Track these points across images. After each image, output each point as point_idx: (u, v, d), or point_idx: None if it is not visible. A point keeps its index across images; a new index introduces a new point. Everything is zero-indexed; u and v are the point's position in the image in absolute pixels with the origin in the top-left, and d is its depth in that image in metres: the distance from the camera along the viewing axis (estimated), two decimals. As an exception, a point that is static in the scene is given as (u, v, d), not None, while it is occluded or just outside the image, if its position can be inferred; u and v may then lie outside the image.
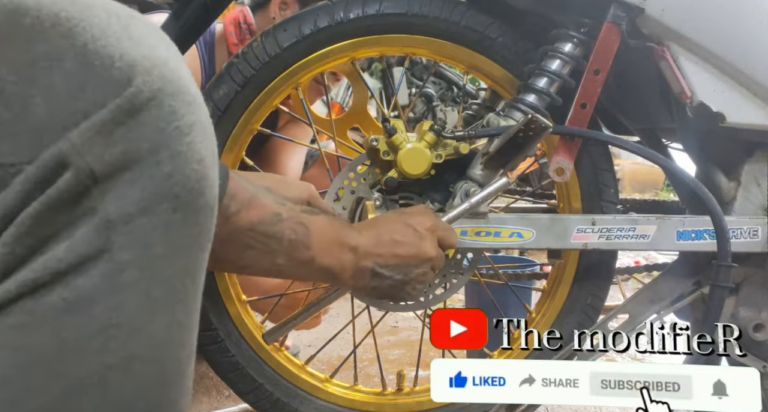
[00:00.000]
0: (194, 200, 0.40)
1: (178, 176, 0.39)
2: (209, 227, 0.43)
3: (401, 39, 0.94)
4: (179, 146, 0.39)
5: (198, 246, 0.42)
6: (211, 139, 0.43)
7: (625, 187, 4.29)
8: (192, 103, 0.41)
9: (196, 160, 0.40)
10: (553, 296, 1.02)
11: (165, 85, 0.39)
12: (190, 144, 0.40)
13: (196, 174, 0.40)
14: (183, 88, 0.40)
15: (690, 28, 0.85)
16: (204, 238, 0.42)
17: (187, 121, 0.40)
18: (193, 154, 0.40)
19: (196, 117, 0.41)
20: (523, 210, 1.22)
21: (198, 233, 0.42)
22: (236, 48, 1.36)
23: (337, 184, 0.94)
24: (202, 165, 0.41)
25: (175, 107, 0.39)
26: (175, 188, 0.39)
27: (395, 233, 0.76)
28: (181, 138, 0.40)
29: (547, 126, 0.80)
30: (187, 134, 0.40)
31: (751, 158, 0.94)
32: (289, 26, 0.92)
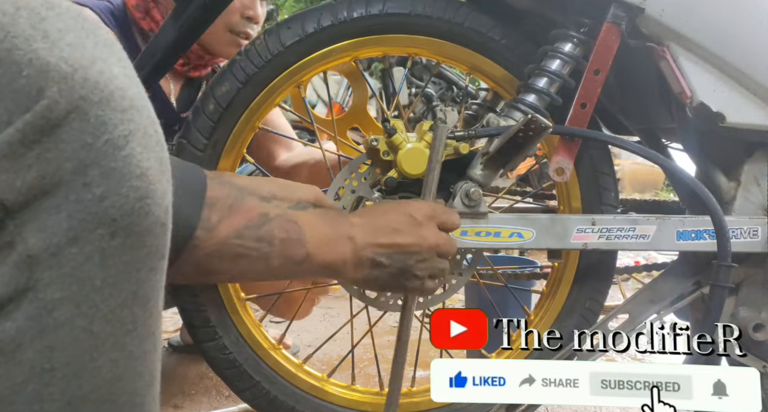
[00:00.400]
0: (137, 222, 0.36)
1: (113, 197, 0.35)
2: (161, 244, 0.39)
3: (404, 39, 0.94)
4: (112, 162, 0.34)
5: (148, 268, 0.38)
6: (157, 146, 0.38)
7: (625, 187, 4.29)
8: (127, 110, 0.35)
9: (135, 176, 0.35)
10: (553, 297, 1.02)
11: (89, 92, 0.34)
12: (127, 158, 0.35)
13: (137, 192, 0.36)
14: (114, 92, 0.35)
15: (690, 28, 0.85)
16: (155, 258, 0.38)
17: (122, 131, 0.35)
18: (132, 168, 0.35)
19: (134, 125, 0.36)
20: (523, 210, 1.22)
21: (147, 255, 0.37)
22: (145, 22, 1.27)
23: (338, 183, 0.94)
24: (144, 180, 0.36)
25: (104, 117, 0.34)
26: (111, 211, 0.35)
27: (392, 220, 0.73)
28: (114, 153, 0.34)
29: (547, 126, 0.80)
30: (122, 147, 0.35)
31: (751, 158, 0.94)
32: (293, 24, 0.93)
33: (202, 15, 0.89)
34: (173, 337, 1.70)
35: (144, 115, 0.37)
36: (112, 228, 0.35)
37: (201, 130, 0.93)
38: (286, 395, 0.99)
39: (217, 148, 0.94)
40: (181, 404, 1.32)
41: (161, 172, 0.38)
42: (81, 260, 0.34)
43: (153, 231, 0.37)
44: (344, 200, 0.93)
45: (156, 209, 0.37)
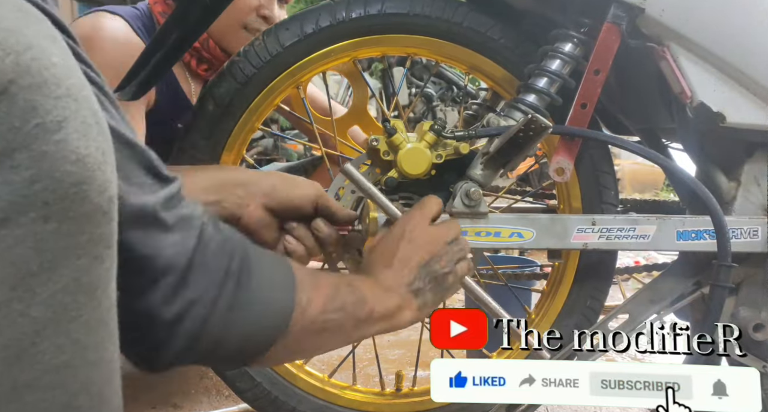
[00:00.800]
0: (73, 207, 0.36)
1: (45, 181, 0.34)
2: (105, 233, 0.38)
3: (403, 39, 0.94)
4: (43, 146, 0.34)
5: (91, 256, 0.37)
6: (99, 136, 0.38)
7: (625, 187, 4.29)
8: (62, 97, 0.35)
9: (70, 161, 0.35)
10: (553, 297, 1.02)
11: (19, 77, 0.34)
12: (61, 143, 0.35)
13: (72, 177, 0.35)
14: (49, 79, 0.35)
15: (690, 28, 0.85)
16: (98, 246, 0.38)
17: (55, 116, 0.35)
18: (66, 154, 0.35)
19: (70, 112, 0.36)
20: (523, 210, 1.22)
21: (88, 242, 0.37)
22: None
23: (338, 183, 0.94)
24: (80, 166, 0.36)
25: (34, 102, 0.34)
26: (43, 194, 0.34)
27: (398, 252, 0.74)
28: (45, 136, 0.34)
29: (547, 126, 0.80)
30: (54, 131, 0.35)
31: (751, 158, 0.94)
32: (291, 25, 0.93)
33: (203, 15, 0.89)
34: None
35: (83, 105, 0.37)
36: (45, 211, 0.35)
37: (200, 131, 0.93)
38: (288, 395, 0.99)
39: (217, 149, 0.94)
40: (181, 404, 1.32)
41: (103, 161, 0.37)
42: (12, 242, 0.34)
43: (93, 218, 0.37)
44: (344, 200, 0.93)
45: (95, 196, 0.37)
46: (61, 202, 0.35)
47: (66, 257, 0.36)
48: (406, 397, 1.04)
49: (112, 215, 0.39)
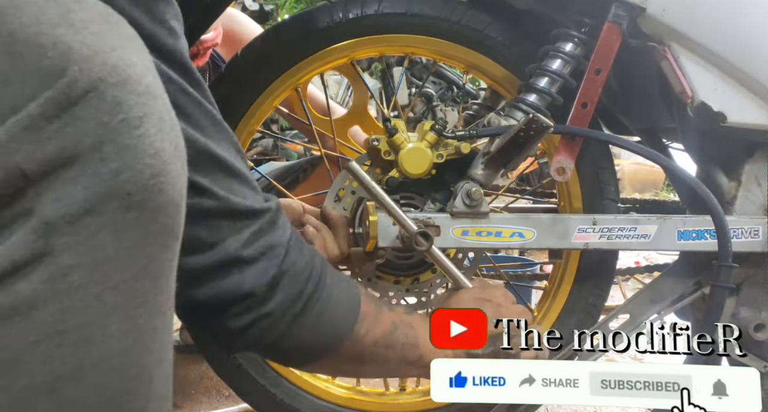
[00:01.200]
0: (151, 197, 0.37)
1: (128, 172, 0.36)
2: (174, 224, 0.40)
3: (401, 39, 0.94)
4: (127, 140, 0.36)
5: (160, 245, 0.39)
6: (171, 132, 0.39)
7: (625, 187, 4.29)
8: (143, 94, 0.37)
9: (149, 155, 0.37)
10: (554, 296, 1.02)
11: (107, 75, 0.36)
12: (141, 137, 0.37)
13: (151, 169, 0.37)
14: (131, 77, 0.37)
15: (691, 28, 0.85)
16: (168, 236, 0.40)
17: (137, 112, 0.37)
18: (146, 147, 0.37)
19: (149, 108, 0.38)
20: (524, 210, 1.22)
21: (158, 232, 0.39)
22: None
23: (338, 184, 0.94)
24: (158, 159, 0.38)
25: (120, 98, 0.36)
26: (126, 185, 0.36)
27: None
28: (129, 131, 0.36)
29: (548, 126, 0.80)
30: (136, 127, 0.37)
31: (751, 158, 0.94)
32: (289, 26, 0.92)
33: (203, 15, 0.89)
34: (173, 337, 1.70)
35: (159, 102, 0.39)
36: (126, 202, 0.36)
37: None
38: (291, 397, 0.99)
39: None
40: (181, 404, 1.32)
41: (175, 155, 0.39)
42: (95, 229, 0.36)
43: (166, 209, 0.38)
44: (344, 201, 0.93)
45: (169, 188, 0.38)
46: (141, 193, 0.37)
47: (140, 245, 0.38)
48: (411, 396, 1.04)
49: (181, 208, 0.40)
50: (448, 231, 0.87)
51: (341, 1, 0.92)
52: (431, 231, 0.85)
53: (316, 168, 1.55)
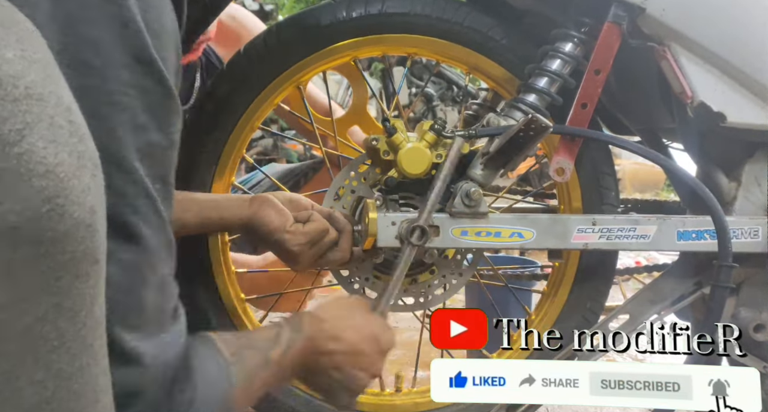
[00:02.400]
0: (48, 227, 0.31)
1: (8, 203, 0.30)
2: (88, 247, 0.34)
3: (403, 39, 0.94)
4: (2, 162, 0.30)
5: (73, 276, 0.34)
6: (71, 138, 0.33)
7: (625, 187, 4.29)
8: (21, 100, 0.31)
9: (38, 175, 0.31)
10: (553, 297, 1.02)
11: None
12: (24, 155, 0.30)
13: (43, 192, 0.31)
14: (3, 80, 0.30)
15: (691, 28, 0.85)
16: (82, 263, 0.34)
17: (13, 125, 0.30)
18: (32, 166, 0.31)
19: (33, 116, 0.31)
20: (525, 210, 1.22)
21: (69, 261, 0.33)
22: None
23: (338, 183, 0.94)
24: (51, 178, 0.31)
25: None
26: (9, 218, 0.30)
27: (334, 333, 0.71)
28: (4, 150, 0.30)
29: (547, 126, 0.80)
30: (14, 143, 0.30)
31: (751, 158, 0.94)
32: (292, 24, 0.93)
33: (202, 15, 0.89)
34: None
35: (49, 104, 0.32)
36: (13, 238, 0.30)
37: (201, 129, 0.93)
38: (286, 395, 0.99)
39: (218, 147, 0.94)
40: (181, 404, 1.32)
41: (78, 167, 0.33)
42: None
43: (74, 235, 0.33)
44: (344, 200, 0.93)
45: (74, 209, 0.32)
46: (33, 224, 0.31)
47: (44, 282, 0.32)
48: (407, 397, 1.04)
49: (96, 226, 0.34)
50: (447, 231, 0.87)
51: (345, 0, 0.92)
52: (431, 232, 0.85)
53: (318, 172, 1.55)
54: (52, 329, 0.33)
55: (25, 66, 0.32)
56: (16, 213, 0.30)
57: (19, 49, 0.32)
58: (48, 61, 0.34)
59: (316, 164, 1.57)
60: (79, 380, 0.35)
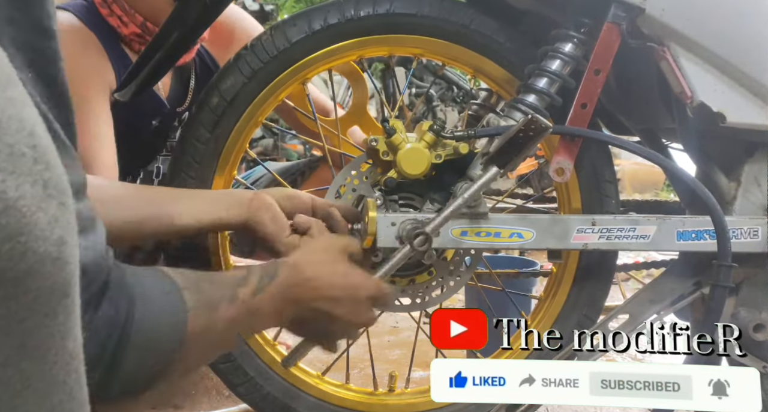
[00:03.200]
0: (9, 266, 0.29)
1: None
2: (58, 282, 0.32)
3: (410, 39, 0.94)
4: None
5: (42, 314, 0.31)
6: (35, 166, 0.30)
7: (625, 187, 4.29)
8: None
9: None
10: (552, 297, 1.02)
11: None
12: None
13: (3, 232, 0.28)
14: None
15: (690, 28, 0.85)
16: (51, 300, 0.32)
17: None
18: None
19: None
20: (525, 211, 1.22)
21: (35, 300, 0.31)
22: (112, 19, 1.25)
23: (339, 181, 0.94)
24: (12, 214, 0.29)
25: None
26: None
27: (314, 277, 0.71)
28: None
29: (547, 126, 0.80)
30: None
31: (751, 158, 0.94)
32: (299, 21, 0.93)
33: (202, 15, 0.89)
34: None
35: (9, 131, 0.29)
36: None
37: (204, 124, 0.93)
38: (280, 391, 0.99)
39: (220, 142, 0.94)
40: (182, 404, 1.32)
41: (43, 197, 0.30)
42: None
43: (39, 271, 0.30)
44: (344, 198, 0.93)
45: (38, 244, 0.30)
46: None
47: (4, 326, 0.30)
48: (399, 397, 1.04)
49: (65, 258, 0.32)
50: (447, 231, 0.87)
51: None
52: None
53: (315, 171, 1.55)
54: (15, 373, 0.31)
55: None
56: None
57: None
58: (8, 78, 0.31)
59: (313, 162, 1.57)
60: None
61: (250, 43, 0.94)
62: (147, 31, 1.26)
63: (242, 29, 1.38)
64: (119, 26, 1.25)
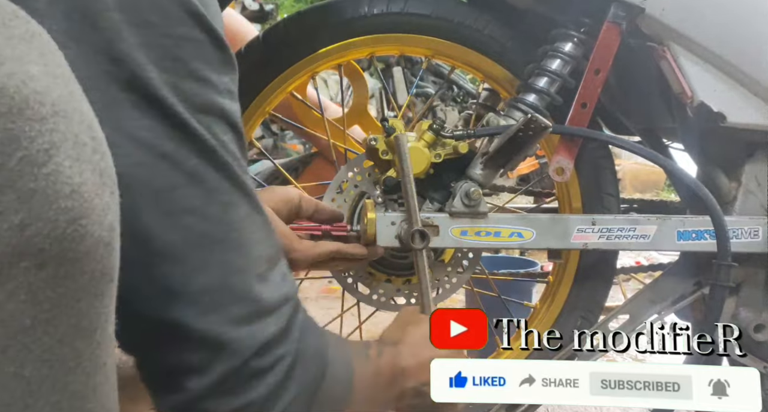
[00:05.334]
0: (71, 247, 0.31)
1: (37, 224, 0.29)
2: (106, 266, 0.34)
3: (422, 40, 0.95)
4: (31, 183, 0.29)
5: (92, 295, 0.33)
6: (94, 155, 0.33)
7: (625, 187, 4.29)
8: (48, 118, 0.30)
9: (64, 195, 0.30)
10: (553, 296, 1.02)
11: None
12: (51, 175, 0.30)
13: (68, 213, 0.30)
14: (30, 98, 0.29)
15: (690, 28, 0.85)
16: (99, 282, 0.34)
17: (41, 144, 0.29)
18: (59, 187, 0.30)
19: (59, 135, 0.30)
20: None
21: (89, 281, 0.33)
22: None
23: (341, 177, 0.94)
24: (77, 198, 0.31)
25: (15, 130, 0.29)
26: (36, 240, 0.30)
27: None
28: (33, 171, 0.29)
29: (546, 126, 0.80)
30: (43, 164, 0.30)
31: (751, 158, 0.94)
32: (314, 14, 0.93)
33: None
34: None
35: (74, 121, 0.31)
36: (39, 259, 0.30)
37: None
38: None
39: None
40: (181, 404, 1.32)
41: (100, 185, 0.33)
42: (2, 298, 0.30)
43: (94, 254, 0.32)
44: (346, 194, 0.93)
45: (95, 228, 0.32)
46: (58, 245, 0.30)
47: (65, 303, 0.32)
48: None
49: (114, 245, 0.34)
50: (447, 231, 0.87)
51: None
52: (430, 232, 0.85)
53: (307, 166, 1.56)
54: (70, 351, 0.33)
55: (50, 82, 0.31)
56: (43, 235, 0.30)
57: (42, 64, 0.31)
58: (69, 75, 0.33)
59: (307, 158, 1.58)
60: (92, 400, 0.35)
61: (262, 34, 0.95)
62: None
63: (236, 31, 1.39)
64: None
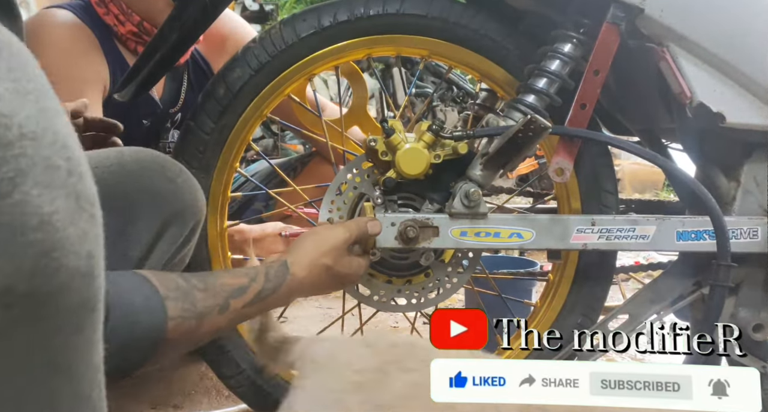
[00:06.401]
0: (43, 283, 0.29)
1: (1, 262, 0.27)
2: (85, 297, 0.31)
3: (418, 40, 0.95)
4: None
5: (72, 329, 0.31)
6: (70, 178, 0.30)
7: (625, 187, 4.29)
8: (14, 142, 0.27)
9: (32, 228, 0.28)
10: (553, 295, 1.02)
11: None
12: (17, 206, 0.27)
13: (37, 246, 0.28)
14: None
15: (689, 29, 0.85)
16: (78, 315, 0.31)
17: (6, 172, 0.27)
18: (26, 219, 0.28)
19: (27, 160, 0.28)
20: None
21: (66, 316, 0.31)
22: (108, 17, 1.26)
23: (341, 178, 0.94)
24: (47, 230, 0.28)
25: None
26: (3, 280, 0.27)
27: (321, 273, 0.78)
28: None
29: (546, 126, 0.80)
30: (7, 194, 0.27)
31: (750, 159, 0.94)
32: (309, 17, 0.93)
33: (202, 16, 0.89)
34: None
35: (44, 142, 0.29)
36: (6, 299, 0.28)
37: (209, 114, 0.94)
38: (271, 385, 0.99)
39: (224, 133, 0.95)
40: (181, 404, 1.32)
41: (75, 210, 0.30)
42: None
43: (70, 287, 0.30)
44: (345, 196, 0.93)
45: (70, 260, 0.30)
46: (27, 283, 0.28)
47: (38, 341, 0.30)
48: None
49: (93, 273, 0.31)
50: (447, 232, 0.87)
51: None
52: (430, 232, 0.85)
53: (306, 165, 1.56)
54: (44, 389, 0.31)
55: (18, 102, 0.28)
56: (8, 274, 0.28)
57: (10, 81, 0.28)
58: (42, 89, 0.30)
59: (305, 158, 1.58)
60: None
61: (259, 36, 0.95)
62: (144, 30, 1.27)
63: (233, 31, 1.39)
64: (116, 25, 1.26)
